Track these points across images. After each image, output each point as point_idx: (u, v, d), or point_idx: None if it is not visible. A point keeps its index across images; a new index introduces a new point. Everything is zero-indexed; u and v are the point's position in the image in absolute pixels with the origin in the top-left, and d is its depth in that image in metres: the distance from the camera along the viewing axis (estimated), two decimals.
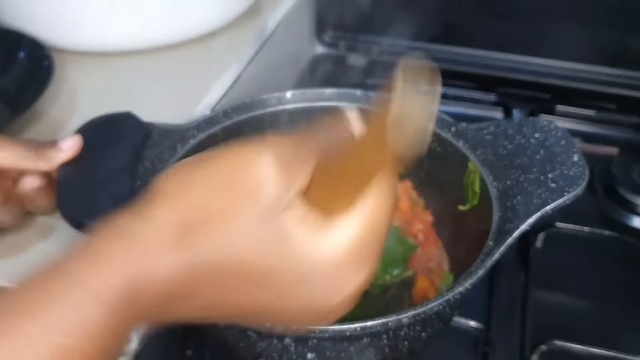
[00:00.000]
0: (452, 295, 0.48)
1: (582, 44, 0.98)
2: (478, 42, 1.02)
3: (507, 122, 0.63)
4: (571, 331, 0.66)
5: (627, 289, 0.73)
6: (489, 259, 0.51)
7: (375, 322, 0.47)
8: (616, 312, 0.70)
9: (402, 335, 0.51)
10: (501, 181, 0.59)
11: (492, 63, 1.02)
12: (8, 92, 0.75)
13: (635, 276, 0.74)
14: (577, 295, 0.72)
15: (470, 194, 0.62)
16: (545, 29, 0.99)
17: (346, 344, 0.50)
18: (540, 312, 0.68)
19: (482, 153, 0.62)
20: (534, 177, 0.57)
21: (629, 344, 0.65)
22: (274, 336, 0.50)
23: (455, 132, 0.65)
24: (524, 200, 0.56)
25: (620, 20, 0.95)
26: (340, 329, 0.47)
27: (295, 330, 0.46)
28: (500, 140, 0.62)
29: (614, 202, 0.81)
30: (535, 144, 0.59)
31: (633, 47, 0.96)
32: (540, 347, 0.63)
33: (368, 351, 0.52)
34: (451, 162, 0.65)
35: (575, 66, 0.99)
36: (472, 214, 0.63)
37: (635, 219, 0.79)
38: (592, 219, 0.79)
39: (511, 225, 0.54)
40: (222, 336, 0.54)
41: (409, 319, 0.47)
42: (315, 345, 0.50)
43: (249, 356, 0.54)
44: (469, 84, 1.01)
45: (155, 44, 0.83)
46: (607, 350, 0.63)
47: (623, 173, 0.83)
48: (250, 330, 0.50)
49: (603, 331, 0.67)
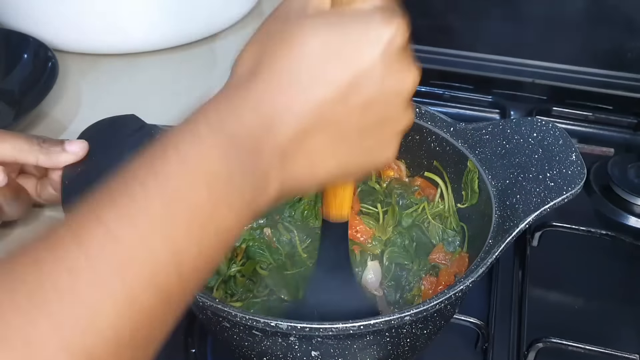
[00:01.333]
0: (453, 293, 0.49)
1: (578, 46, 0.99)
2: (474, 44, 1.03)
3: (506, 122, 0.64)
4: (567, 329, 0.67)
5: (622, 288, 0.74)
6: (489, 257, 0.52)
7: (378, 320, 0.48)
8: (612, 310, 0.71)
9: (405, 332, 0.52)
10: (500, 180, 0.60)
11: (489, 65, 1.02)
12: (12, 93, 0.75)
13: (630, 275, 0.75)
14: (574, 294, 0.73)
15: (470, 193, 0.63)
16: (542, 31, 0.99)
17: (349, 341, 0.51)
18: (537, 310, 0.69)
19: (481, 152, 0.63)
20: (532, 176, 0.58)
21: (624, 342, 0.66)
22: (279, 334, 0.50)
23: (454, 132, 0.66)
24: (523, 199, 0.56)
25: (615, 23, 0.95)
26: (344, 327, 0.47)
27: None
28: (499, 139, 0.62)
29: (610, 202, 0.82)
30: (534, 144, 0.60)
31: (628, 49, 0.97)
32: (537, 344, 0.64)
33: (371, 348, 0.52)
34: (450, 161, 0.66)
35: (571, 68, 0.99)
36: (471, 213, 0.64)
37: (631, 219, 0.80)
38: (588, 219, 0.80)
39: (510, 224, 0.55)
40: (227, 335, 0.54)
41: (411, 317, 0.48)
42: (319, 343, 0.50)
43: (254, 354, 0.54)
44: (466, 85, 1.01)
45: (159, 47, 0.83)
46: (603, 347, 0.64)
47: (619, 173, 0.84)
48: (255, 329, 0.50)
49: (599, 329, 0.68)
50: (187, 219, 0.32)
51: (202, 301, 0.50)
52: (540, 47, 1.00)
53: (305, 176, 0.38)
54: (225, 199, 0.33)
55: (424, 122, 0.67)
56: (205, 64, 0.84)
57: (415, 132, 0.68)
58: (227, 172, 0.33)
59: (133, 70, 0.82)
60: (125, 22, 0.80)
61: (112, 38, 0.82)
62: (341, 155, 0.39)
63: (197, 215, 0.32)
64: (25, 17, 0.81)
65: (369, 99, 0.37)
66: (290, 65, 0.36)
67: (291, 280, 0.61)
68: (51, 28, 0.81)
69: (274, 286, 0.60)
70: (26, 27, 0.81)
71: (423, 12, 0.99)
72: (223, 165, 0.33)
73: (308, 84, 0.36)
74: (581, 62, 0.99)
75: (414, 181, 0.70)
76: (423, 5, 0.99)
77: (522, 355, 0.64)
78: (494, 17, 1.01)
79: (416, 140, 0.68)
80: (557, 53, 1.00)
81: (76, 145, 0.58)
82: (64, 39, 0.82)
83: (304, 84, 0.36)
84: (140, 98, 0.78)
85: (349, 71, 0.36)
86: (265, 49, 0.37)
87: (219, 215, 0.33)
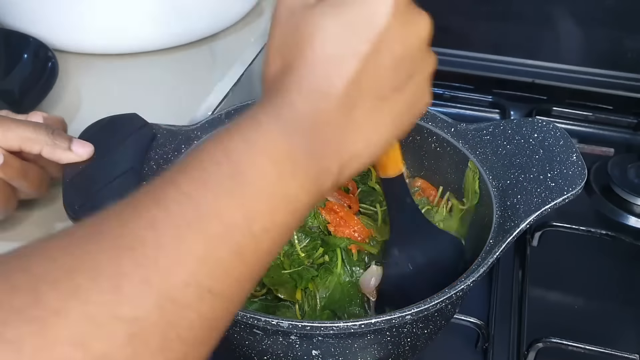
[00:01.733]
0: (454, 293, 0.49)
1: (578, 46, 0.99)
2: (474, 44, 1.03)
3: (507, 122, 0.64)
4: (567, 329, 0.67)
5: (622, 288, 0.74)
6: (490, 257, 0.52)
7: (379, 319, 0.48)
8: (612, 311, 0.71)
9: (405, 331, 0.52)
10: (501, 181, 0.60)
11: (489, 65, 1.03)
12: (12, 93, 0.75)
13: (630, 275, 0.75)
14: (574, 294, 0.73)
15: (471, 193, 0.63)
16: (542, 31, 1.00)
17: (350, 340, 0.51)
18: (537, 310, 0.69)
19: (481, 153, 0.63)
20: (533, 176, 0.58)
21: (624, 342, 0.66)
22: (280, 333, 0.50)
23: (455, 133, 0.66)
24: (524, 200, 0.56)
25: (615, 23, 0.96)
26: (345, 325, 0.47)
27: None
28: (500, 140, 0.63)
29: (610, 202, 0.82)
30: (535, 144, 0.60)
31: (628, 49, 0.97)
32: (537, 344, 0.64)
33: (372, 348, 0.52)
34: (451, 162, 0.66)
35: (571, 68, 1.00)
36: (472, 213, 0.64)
37: (631, 219, 0.80)
38: (589, 219, 0.81)
39: (511, 224, 0.55)
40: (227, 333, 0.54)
41: (412, 316, 0.48)
42: (320, 342, 0.51)
43: (254, 353, 0.54)
44: (466, 85, 1.01)
45: (159, 46, 0.83)
46: (603, 347, 0.64)
47: (619, 173, 0.84)
48: (256, 327, 0.50)
49: (599, 329, 0.68)
50: (253, 183, 0.34)
51: None
52: (540, 47, 1.01)
53: (361, 148, 0.40)
54: (290, 171, 0.36)
55: (425, 122, 0.68)
56: (205, 64, 0.85)
57: (416, 133, 0.68)
58: (287, 149, 0.36)
59: (133, 70, 0.82)
60: (125, 22, 0.80)
61: (112, 38, 0.82)
62: (386, 116, 0.41)
63: (264, 183, 0.35)
64: (25, 17, 0.81)
65: (394, 58, 0.40)
66: (315, 53, 0.38)
67: (288, 279, 0.61)
68: (51, 28, 0.81)
69: (271, 285, 0.60)
70: (26, 27, 0.81)
71: None
72: (284, 143, 0.36)
73: (338, 63, 0.38)
74: (581, 62, 0.99)
75: (415, 182, 0.70)
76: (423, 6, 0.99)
77: (522, 355, 0.64)
78: (494, 17, 1.01)
79: (417, 140, 0.69)
80: (557, 53, 1.00)
81: (83, 148, 0.58)
82: (64, 39, 0.81)
83: (334, 64, 0.38)
84: (140, 98, 0.78)
85: (369, 39, 0.38)
86: (288, 49, 0.39)
87: (285, 185, 0.36)
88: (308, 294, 0.60)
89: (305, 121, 0.37)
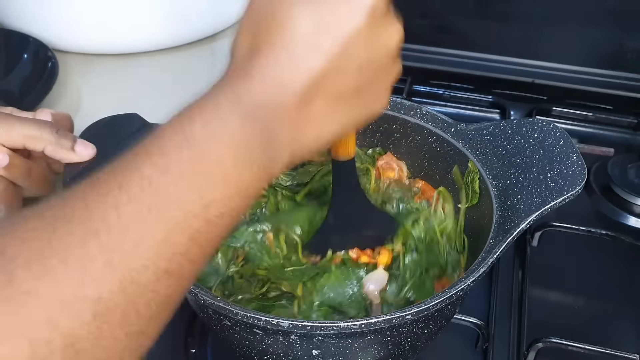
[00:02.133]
0: (454, 292, 0.49)
1: (577, 46, 0.99)
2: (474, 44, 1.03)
3: (507, 122, 0.64)
4: (567, 329, 0.67)
5: (622, 288, 0.74)
6: (490, 257, 0.52)
7: (379, 318, 0.48)
8: (611, 310, 0.71)
9: (405, 331, 0.52)
10: (501, 181, 0.60)
11: (489, 65, 1.03)
12: (12, 93, 0.75)
13: (630, 275, 0.75)
14: (574, 294, 0.73)
15: (470, 193, 0.63)
16: (542, 31, 1.00)
17: (350, 340, 0.51)
18: (537, 310, 0.69)
19: (481, 153, 0.63)
20: (533, 176, 0.58)
21: (624, 342, 0.66)
22: (280, 333, 0.50)
23: (455, 133, 0.66)
24: (524, 200, 0.57)
25: (615, 23, 0.96)
26: (345, 325, 0.48)
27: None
28: (500, 140, 0.63)
29: (610, 202, 0.82)
30: (535, 144, 0.60)
31: (628, 49, 0.97)
32: (537, 344, 0.64)
33: (372, 347, 0.52)
34: (451, 162, 0.66)
35: (571, 68, 0.99)
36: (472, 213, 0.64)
37: (631, 219, 0.80)
38: (588, 219, 0.80)
39: (511, 224, 0.55)
40: (227, 333, 0.54)
41: (412, 316, 0.48)
42: (320, 342, 0.51)
43: (254, 353, 0.54)
44: (466, 85, 1.01)
45: (159, 47, 0.84)
46: (603, 347, 0.64)
47: (619, 173, 0.84)
48: (256, 327, 0.50)
49: (599, 329, 0.68)
50: (211, 171, 0.36)
51: (203, 299, 0.50)
52: (540, 47, 1.01)
53: (312, 141, 0.41)
54: (246, 160, 0.37)
55: (425, 122, 0.68)
56: (205, 64, 0.85)
57: (416, 133, 0.68)
58: (245, 138, 0.37)
59: (133, 70, 0.82)
60: (125, 22, 0.80)
61: (112, 38, 0.82)
62: (342, 115, 0.42)
63: (221, 170, 0.36)
64: (25, 17, 0.81)
65: (361, 62, 0.40)
66: (284, 42, 0.39)
67: (291, 275, 0.61)
68: (51, 28, 0.81)
69: (275, 279, 0.60)
70: (26, 27, 0.81)
71: (423, 12, 0.99)
72: (241, 132, 0.37)
73: (304, 56, 0.39)
74: (581, 62, 0.99)
75: (415, 183, 0.70)
76: (423, 5, 0.99)
77: (522, 355, 0.64)
78: (494, 17, 1.01)
79: (417, 141, 0.69)
80: (557, 53, 1.00)
81: (86, 149, 0.58)
82: (64, 39, 0.82)
83: (301, 57, 0.39)
84: (140, 98, 0.78)
85: (339, 40, 0.39)
86: (259, 30, 0.40)
87: (240, 172, 0.37)
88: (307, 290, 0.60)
89: (263, 111, 0.38)
